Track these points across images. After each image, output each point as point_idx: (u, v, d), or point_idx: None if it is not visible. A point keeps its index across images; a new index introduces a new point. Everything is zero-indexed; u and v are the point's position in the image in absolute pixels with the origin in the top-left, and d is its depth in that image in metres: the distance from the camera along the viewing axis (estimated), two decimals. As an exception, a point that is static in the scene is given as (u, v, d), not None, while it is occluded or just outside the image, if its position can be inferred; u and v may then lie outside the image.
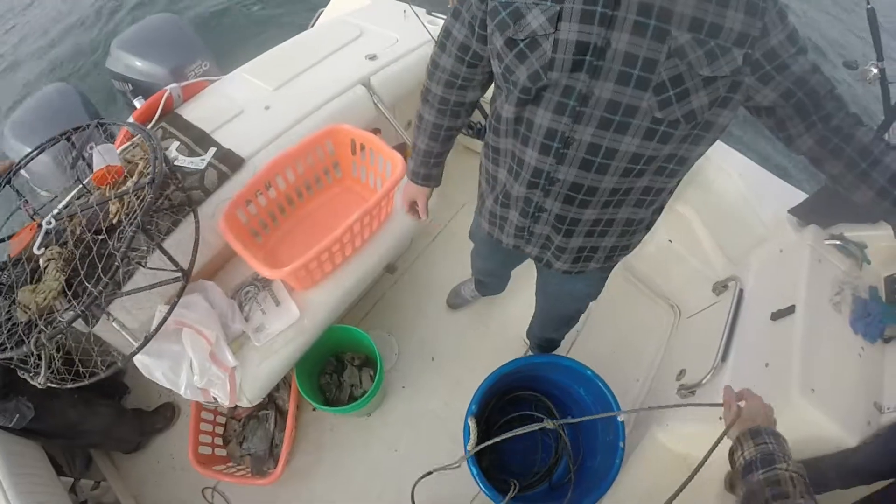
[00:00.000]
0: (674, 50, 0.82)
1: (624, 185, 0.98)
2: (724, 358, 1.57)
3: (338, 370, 1.86)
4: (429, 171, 1.29)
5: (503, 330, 2.13)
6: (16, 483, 1.35)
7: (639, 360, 2.08)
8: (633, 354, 2.09)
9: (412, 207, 1.40)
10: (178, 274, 1.32)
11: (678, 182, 1.07)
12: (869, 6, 1.43)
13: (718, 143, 2.00)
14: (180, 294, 1.32)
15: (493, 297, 2.15)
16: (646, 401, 1.96)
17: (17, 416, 1.42)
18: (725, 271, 1.95)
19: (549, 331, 1.83)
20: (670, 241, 2.20)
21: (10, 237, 1.38)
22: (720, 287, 1.92)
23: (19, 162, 1.40)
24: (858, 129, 0.91)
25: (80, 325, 1.30)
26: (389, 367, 2.00)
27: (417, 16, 2.01)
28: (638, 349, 2.11)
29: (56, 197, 1.46)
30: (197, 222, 1.40)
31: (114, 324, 1.33)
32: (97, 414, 1.69)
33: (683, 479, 0.77)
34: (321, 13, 2.63)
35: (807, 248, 1.55)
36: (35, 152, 1.40)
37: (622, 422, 1.49)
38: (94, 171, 1.33)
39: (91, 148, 1.46)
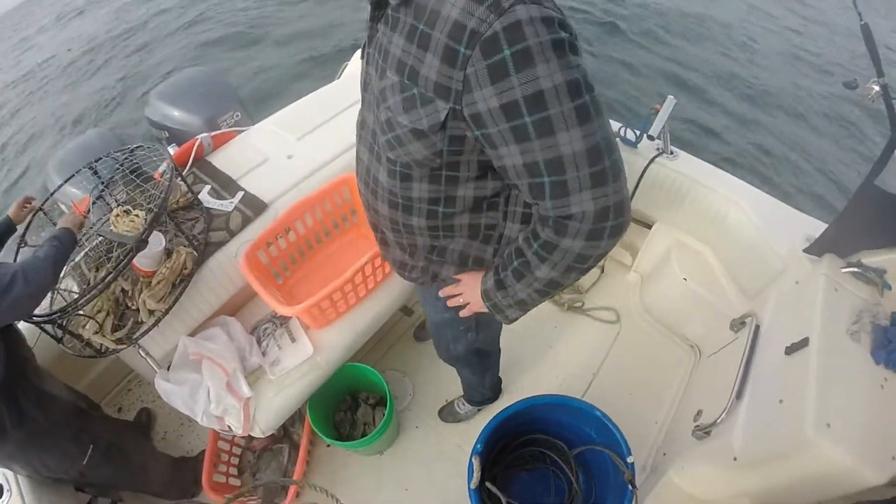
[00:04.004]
0: (380, 91, 0.80)
1: (400, 219, 0.97)
2: (738, 396, 1.54)
3: (352, 408, 1.90)
4: None
5: (512, 373, 2.11)
6: None
7: (659, 403, 2.04)
8: (652, 397, 2.06)
9: None
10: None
11: (475, 226, 0.99)
12: (863, 22, 1.36)
13: (724, 174, 2.04)
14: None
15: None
16: (663, 444, 1.91)
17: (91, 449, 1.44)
18: (743, 307, 1.91)
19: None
20: (685, 279, 2.18)
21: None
22: (738, 324, 1.88)
23: (47, 197, 1.60)
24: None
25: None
26: (403, 406, 2.02)
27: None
28: (657, 392, 2.07)
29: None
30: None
31: (139, 352, 1.45)
32: (158, 461, 1.73)
33: None
34: (346, 66, 2.79)
35: (822, 277, 1.48)
36: (62, 183, 1.61)
37: (632, 463, 1.47)
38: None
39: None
